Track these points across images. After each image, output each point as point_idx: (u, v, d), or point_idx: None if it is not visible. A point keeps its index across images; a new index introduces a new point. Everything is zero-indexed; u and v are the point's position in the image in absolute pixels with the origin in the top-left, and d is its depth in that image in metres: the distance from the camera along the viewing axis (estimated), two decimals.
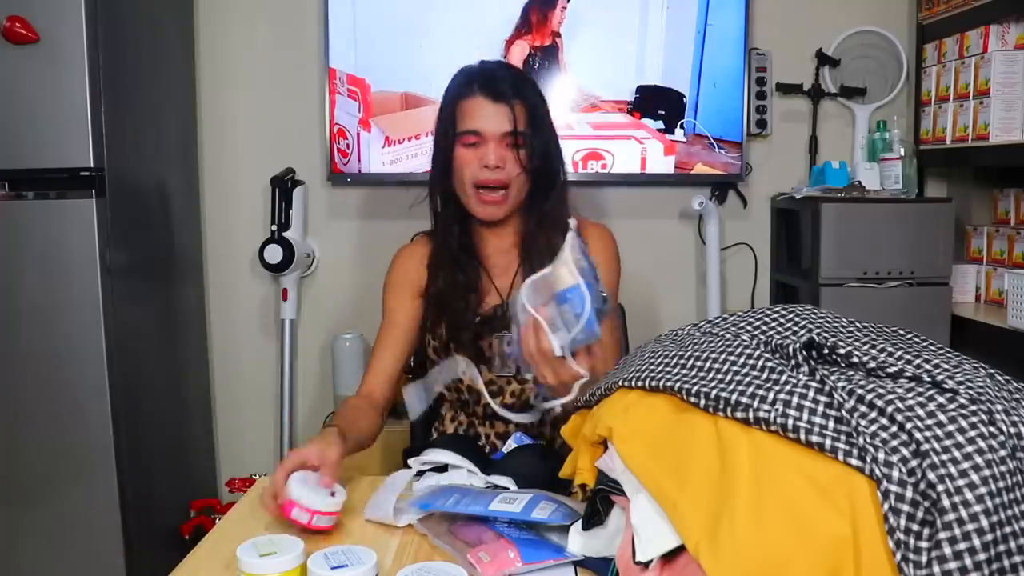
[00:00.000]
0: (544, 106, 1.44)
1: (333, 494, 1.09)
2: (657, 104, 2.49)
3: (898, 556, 0.69)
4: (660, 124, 2.50)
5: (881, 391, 0.77)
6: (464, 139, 1.38)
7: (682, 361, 0.90)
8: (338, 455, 1.15)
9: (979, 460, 0.69)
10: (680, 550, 0.78)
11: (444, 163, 1.42)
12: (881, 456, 0.72)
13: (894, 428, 0.74)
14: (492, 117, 1.37)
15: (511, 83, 1.39)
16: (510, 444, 1.31)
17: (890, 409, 0.75)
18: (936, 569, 0.67)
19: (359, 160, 2.48)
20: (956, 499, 0.68)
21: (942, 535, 0.67)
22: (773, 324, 0.94)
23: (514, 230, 1.48)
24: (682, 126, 2.50)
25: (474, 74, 1.41)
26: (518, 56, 2.47)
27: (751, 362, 0.85)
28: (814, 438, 0.74)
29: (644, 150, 2.50)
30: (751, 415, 0.78)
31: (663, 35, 2.48)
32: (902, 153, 2.36)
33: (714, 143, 2.51)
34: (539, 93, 1.45)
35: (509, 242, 1.49)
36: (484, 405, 1.46)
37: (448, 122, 1.40)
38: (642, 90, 2.49)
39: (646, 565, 0.81)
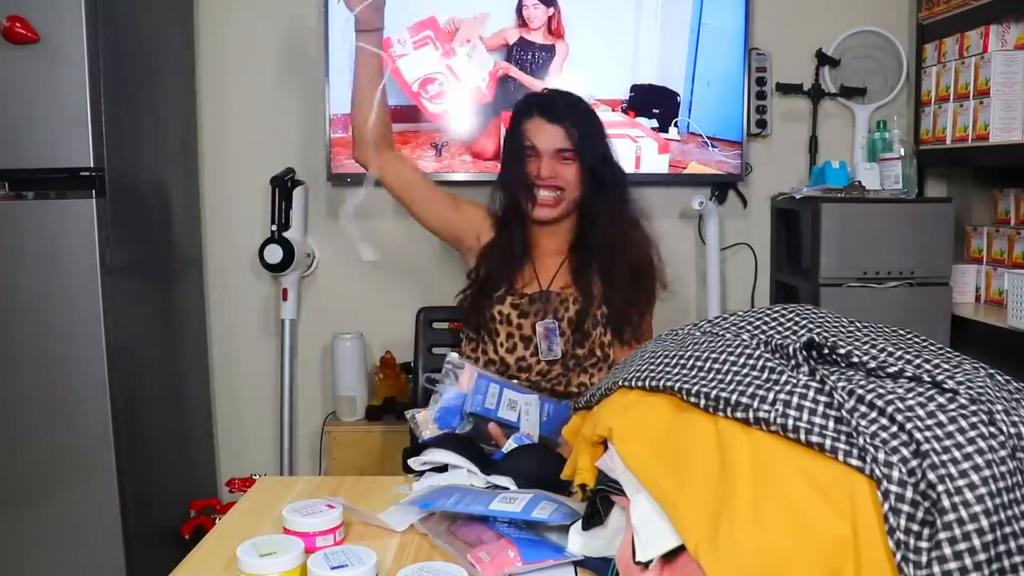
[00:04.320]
0: (594, 127, 1.64)
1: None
2: (651, 103, 2.50)
3: (898, 556, 0.69)
4: (654, 123, 2.50)
5: (881, 391, 0.77)
6: (524, 152, 1.62)
7: (682, 361, 0.90)
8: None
9: (979, 460, 0.69)
10: (680, 550, 0.78)
11: (508, 171, 1.66)
12: (881, 456, 0.72)
13: (894, 428, 0.74)
14: (546, 135, 1.60)
15: (564, 108, 1.61)
16: (510, 444, 1.31)
17: (890, 409, 0.75)
18: (936, 569, 0.67)
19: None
20: (956, 499, 0.68)
21: (942, 535, 0.67)
22: (773, 324, 0.94)
23: (565, 235, 1.68)
24: (676, 124, 2.51)
25: (534, 99, 1.68)
26: (499, 42, 2.48)
27: (751, 362, 0.85)
28: (814, 438, 0.74)
29: (639, 148, 2.50)
30: (751, 415, 0.78)
31: (657, 34, 2.49)
32: (902, 153, 2.36)
33: (708, 141, 2.51)
34: (591, 116, 1.65)
35: (558, 246, 1.68)
36: (509, 377, 1.58)
37: (512, 138, 1.65)
38: (636, 89, 2.49)
39: (646, 565, 0.81)
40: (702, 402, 0.83)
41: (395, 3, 2.40)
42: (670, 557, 0.80)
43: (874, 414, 0.75)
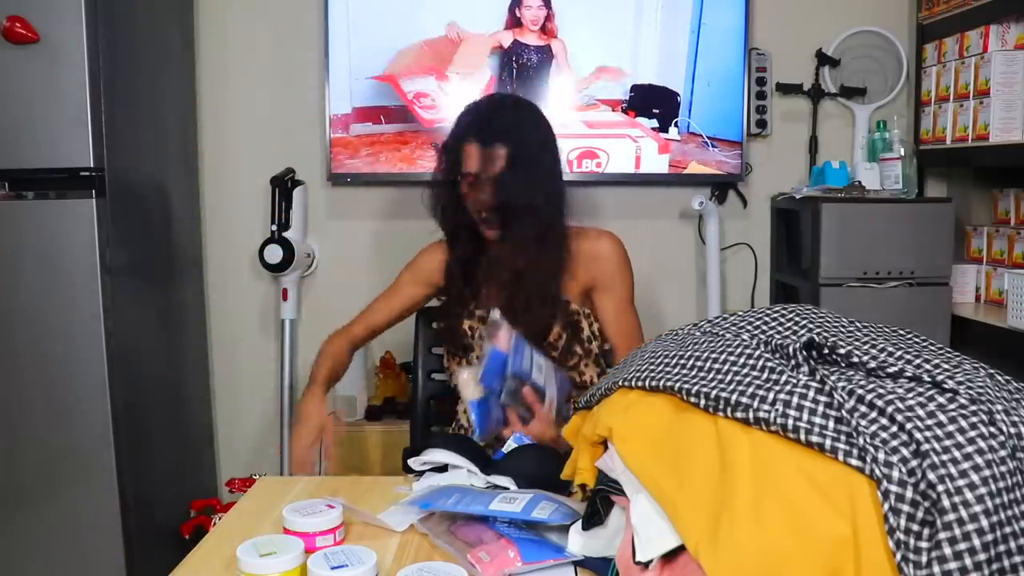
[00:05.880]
0: (538, 147, 1.56)
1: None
2: (651, 103, 2.50)
3: (898, 556, 0.69)
4: (654, 123, 2.50)
5: (881, 391, 0.77)
6: (464, 179, 1.55)
7: (682, 361, 0.90)
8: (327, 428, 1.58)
9: (979, 460, 0.69)
10: (680, 550, 0.78)
11: (452, 194, 1.59)
12: (881, 456, 0.72)
13: (894, 428, 0.74)
14: (481, 162, 1.51)
15: (500, 131, 1.52)
16: (510, 444, 1.31)
17: (890, 409, 0.75)
18: (936, 569, 0.67)
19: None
20: (956, 499, 0.68)
21: (942, 535, 0.67)
22: (773, 324, 0.94)
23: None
24: (676, 124, 2.51)
25: (472, 118, 1.57)
26: (493, 44, 2.47)
27: (751, 362, 0.85)
28: (814, 438, 0.74)
29: (638, 148, 2.51)
30: (751, 415, 0.78)
31: (657, 34, 2.49)
32: (902, 153, 2.36)
33: (708, 141, 2.51)
34: (535, 133, 1.56)
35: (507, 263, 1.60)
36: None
37: (452, 160, 1.57)
38: (636, 89, 2.49)
39: (646, 565, 0.81)
40: (702, 402, 0.83)
41: (394, 12, 2.47)
42: (670, 557, 0.80)
43: (874, 414, 0.75)
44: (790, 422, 0.76)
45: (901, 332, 0.93)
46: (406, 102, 2.47)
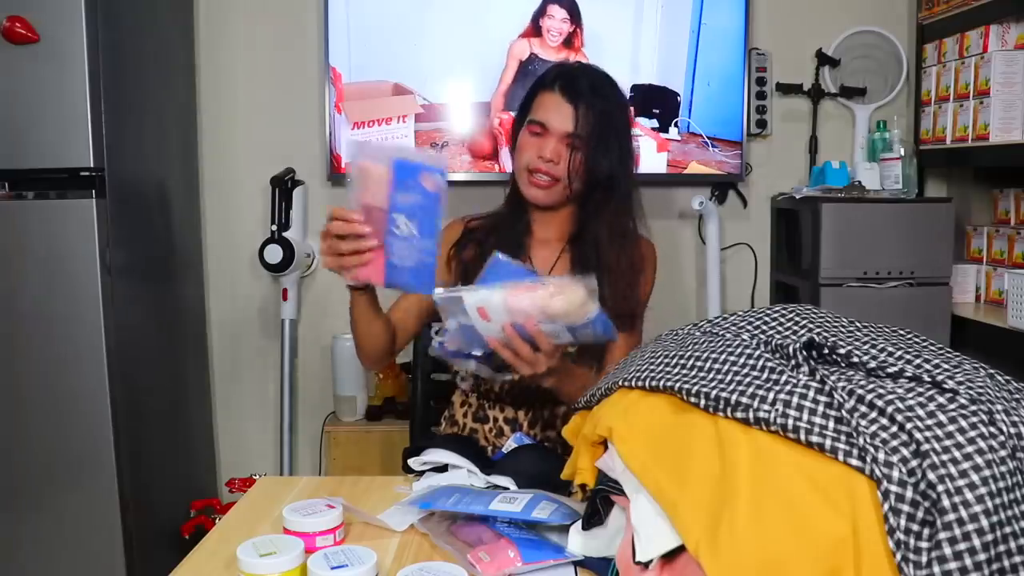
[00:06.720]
0: (618, 116, 1.48)
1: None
2: (651, 103, 2.50)
3: (898, 556, 0.69)
4: (654, 123, 2.50)
5: (881, 391, 0.77)
6: (531, 127, 1.45)
7: (682, 361, 0.90)
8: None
9: (979, 460, 0.69)
10: (680, 550, 0.78)
11: (514, 143, 1.51)
12: (881, 456, 0.72)
13: (894, 428, 0.74)
14: (559, 115, 1.42)
15: (589, 86, 1.44)
16: (510, 444, 1.31)
17: (890, 409, 0.75)
18: (936, 569, 0.67)
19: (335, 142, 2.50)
20: (956, 499, 0.68)
21: (942, 535, 0.67)
22: (773, 324, 0.94)
23: (564, 224, 1.53)
24: (676, 124, 2.51)
25: (560, 70, 1.49)
26: (517, 54, 2.47)
27: (751, 362, 0.85)
28: (814, 438, 0.74)
29: (638, 148, 2.50)
30: (751, 415, 0.78)
31: (657, 34, 2.49)
32: (902, 153, 2.37)
33: (708, 141, 2.51)
34: (618, 103, 1.49)
35: (557, 233, 1.53)
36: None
37: (524, 107, 1.49)
38: (636, 89, 2.49)
39: (646, 565, 0.81)
40: (702, 402, 0.83)
41: (395, 11, 2.47)
42: (670, 557, 0.80)
43: (874, 414, 0.75)
44: (790, 422, 0.76)
45: (901, 332, 0.93)
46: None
